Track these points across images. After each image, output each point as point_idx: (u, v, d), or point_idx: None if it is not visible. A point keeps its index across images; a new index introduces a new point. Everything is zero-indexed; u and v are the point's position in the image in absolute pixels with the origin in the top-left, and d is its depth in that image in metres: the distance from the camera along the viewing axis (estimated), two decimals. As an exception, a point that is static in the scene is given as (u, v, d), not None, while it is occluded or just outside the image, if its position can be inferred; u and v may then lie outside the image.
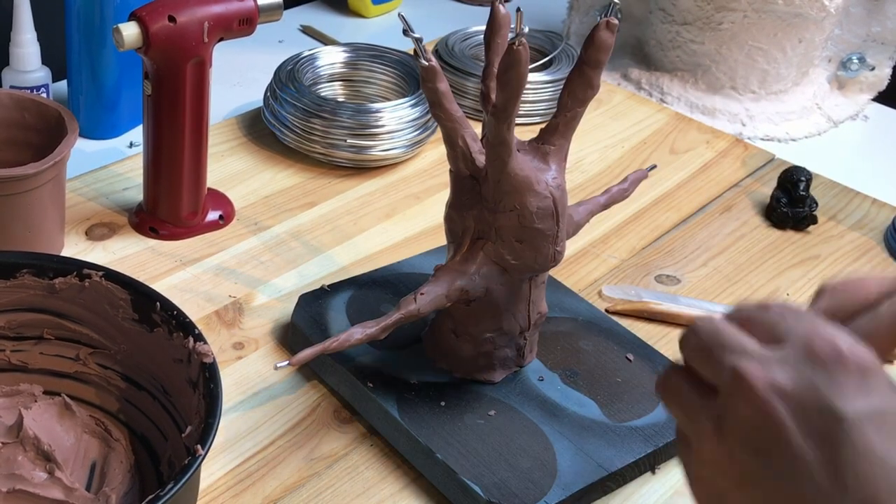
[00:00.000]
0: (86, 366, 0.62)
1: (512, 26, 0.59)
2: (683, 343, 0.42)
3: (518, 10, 0.56)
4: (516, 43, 0.54)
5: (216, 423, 0.51)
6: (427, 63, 0.58)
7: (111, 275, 0.59)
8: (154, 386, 0.60)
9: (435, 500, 0.62)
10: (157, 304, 0.58)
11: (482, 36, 1.06)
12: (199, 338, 0.56)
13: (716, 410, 0.39)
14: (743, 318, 0.41)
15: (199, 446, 0.50)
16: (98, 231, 0.79)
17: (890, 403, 0.37)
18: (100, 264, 0.60)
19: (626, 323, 0.75)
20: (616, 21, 0.59)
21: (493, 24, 0.61)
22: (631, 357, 0.71)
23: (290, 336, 0.71)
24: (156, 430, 0.59)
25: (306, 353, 0.59)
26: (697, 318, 0.42)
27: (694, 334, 0.41)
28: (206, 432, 0.51)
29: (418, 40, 0.57)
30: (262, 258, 0.79)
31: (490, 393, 0.66)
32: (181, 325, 0.57)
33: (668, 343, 0.74)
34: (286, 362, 0.58)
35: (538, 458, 0.62)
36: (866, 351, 0.37)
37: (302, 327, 0.69)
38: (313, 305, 0.71)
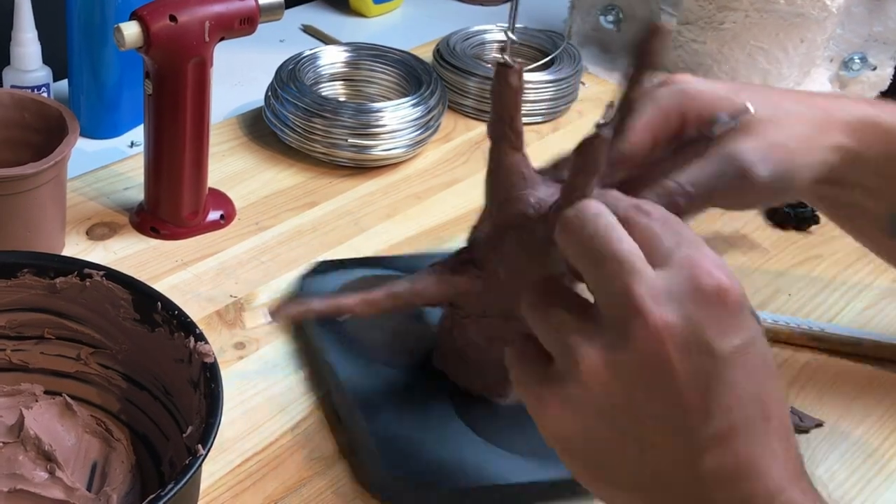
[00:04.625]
0: (87, 365, 0.62)
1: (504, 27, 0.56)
2: (564, 234, 0.41)
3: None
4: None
5: (217, 422, 0.51)
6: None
7: (112, 274, 0.59)
8: (155, 386, 0.59)
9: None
10: (159, 303, 0.58)
11: (483, 36, 1.07)
12: (201, 338, 0.56)
13: (603, 339, 0.39)
14: (622, 216, 0.41)
15: (200, 446, 0.50)
16: (99, 231, 0.79)
17: (754, 334, 0.39)
18: (101, 264, 0.60)
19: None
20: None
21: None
22: None
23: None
24: (157, 429, 0.59)
25: (291, 309, 0.57)
26: (572, 207, 0.41)
27: (576, 229, 0.40)
28: (206, 432, 0.51)
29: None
30: (263, 258, 0.79)
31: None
32: (182, 324, 0.57)
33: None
34: (269, 318, 0.56)
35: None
36: (740, 286, 0.39)
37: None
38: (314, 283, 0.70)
